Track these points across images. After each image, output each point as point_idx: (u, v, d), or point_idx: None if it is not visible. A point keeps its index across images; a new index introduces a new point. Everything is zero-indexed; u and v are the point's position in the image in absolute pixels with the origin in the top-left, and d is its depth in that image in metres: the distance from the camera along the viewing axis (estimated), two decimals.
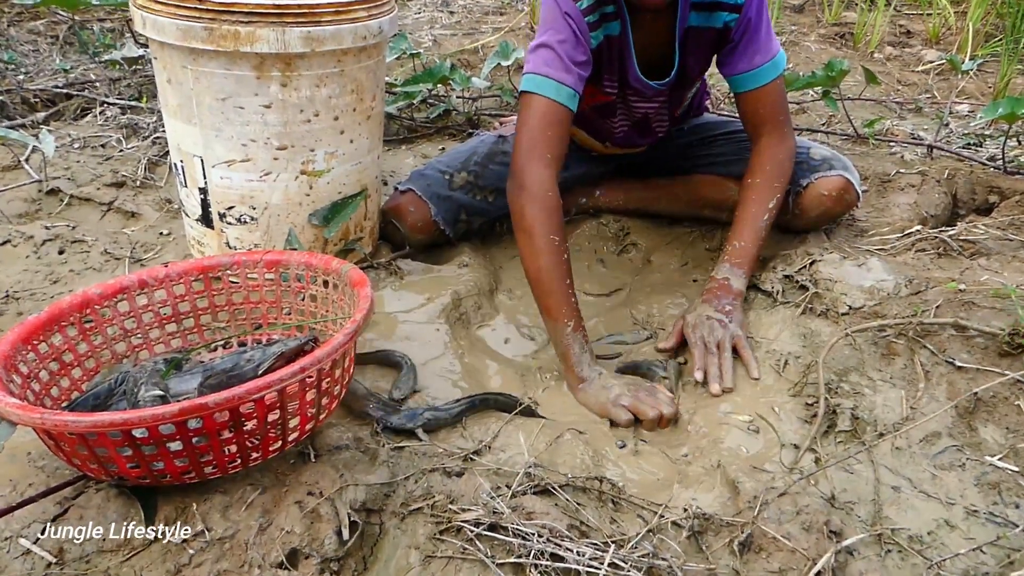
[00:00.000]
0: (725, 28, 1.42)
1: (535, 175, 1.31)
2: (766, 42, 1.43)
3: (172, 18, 1.24)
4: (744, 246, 1.43)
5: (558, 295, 1.28)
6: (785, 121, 1.49)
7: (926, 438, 1.10)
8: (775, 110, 1.47)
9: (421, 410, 1.14)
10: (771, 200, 1.44)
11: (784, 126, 1.48)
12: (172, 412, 0.81)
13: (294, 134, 1.36)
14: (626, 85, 1.52)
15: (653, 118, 1.64)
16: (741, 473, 1.05)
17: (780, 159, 1.47)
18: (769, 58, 1.44)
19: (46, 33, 2.91)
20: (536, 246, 1.29)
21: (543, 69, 1.33)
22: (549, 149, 1.33)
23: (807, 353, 1.31)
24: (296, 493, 0.94)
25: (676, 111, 1.67)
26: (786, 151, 1.48)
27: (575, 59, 1.34)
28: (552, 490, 0.99)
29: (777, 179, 1.46)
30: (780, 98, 1.48)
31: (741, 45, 1.43)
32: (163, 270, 1.19)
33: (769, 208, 1.44)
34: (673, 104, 1.63)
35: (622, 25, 1.42)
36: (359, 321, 0.97)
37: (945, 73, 2.98)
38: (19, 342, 1.00)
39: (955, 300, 1.29)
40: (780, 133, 1.48)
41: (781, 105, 1.48)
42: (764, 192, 1.45)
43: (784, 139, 1.48)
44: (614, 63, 1.48)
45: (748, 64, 1.44)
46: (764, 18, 1.42)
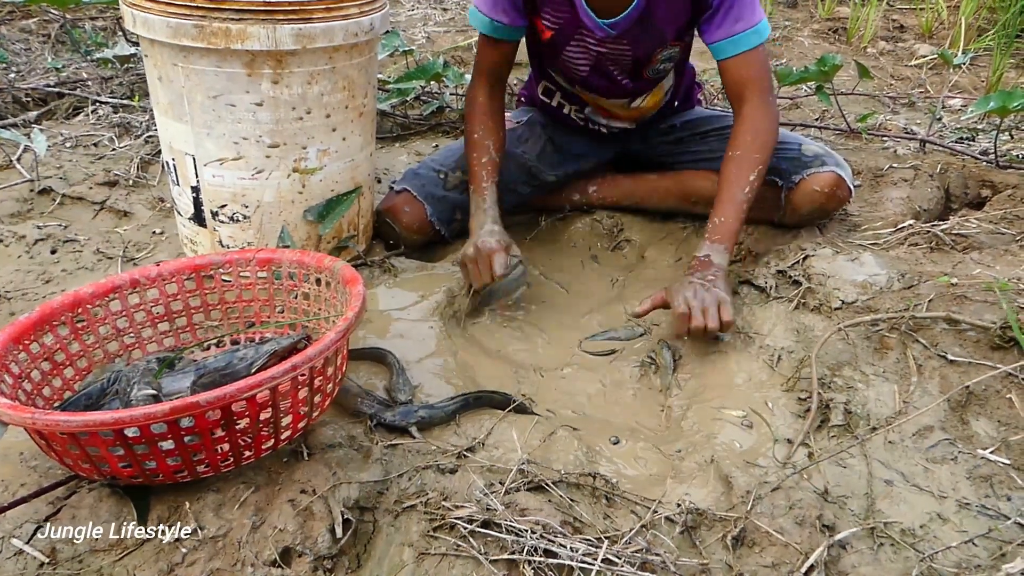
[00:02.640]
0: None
1: (473, 94, 1.62)
2: (748, 9, 1.42)
3: (162, 16, 1.23)
4: (724, 222, 1.42)
5: (472, 170, 1.57)
6: (767, 90, 1.47)
7: (919, 432, 1.10)
8: (756, 78, 1.45)
9: (415, 408, 1.13)
10: (751, 172, 1.43)
11: (766, 94, 1.46)
12: (163, 411, 0.81)
13: (286, 132, 1.35)
14: (574, 20, 1.50)
15: (611, 65, 1.58)
16: (734, 468, 1.06)
17: (760, 129, 1.45)
18: (751, 25, 1.42)
19: (38, 32, 2.90)
20: (467, 140, 1.60)
21: (484, 6, 1.52)
22: (486, 73, 1.60)
23: (800, 348, 1.31)
24: (289, 491, 0.93)
25: (644, 71, 1.60)
26: (767, 120, 1.46)
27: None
28: (545, 486, 0.99)
29: (757, 150, 1.44)
30: (762, 66, 1.46)
31: (722, 12, 1.42)
32: (155, 269, 1.19)
33: (750, 180, 1.42)
34: (639, 57, 1.56)
35: None
36: (351, 319, 0.97)
37: (938, 67, 2.99)
38: (10, 342, 1.00)
39: (947, 294, 1.30)
40: (761, 102, 1.46)
41: (763, 74, 1.46)
42: (744, 165, 1.43)
43: (765, 108, 1.46)
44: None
45: (728, 30, 1.43)
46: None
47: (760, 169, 1.44)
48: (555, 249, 1.82)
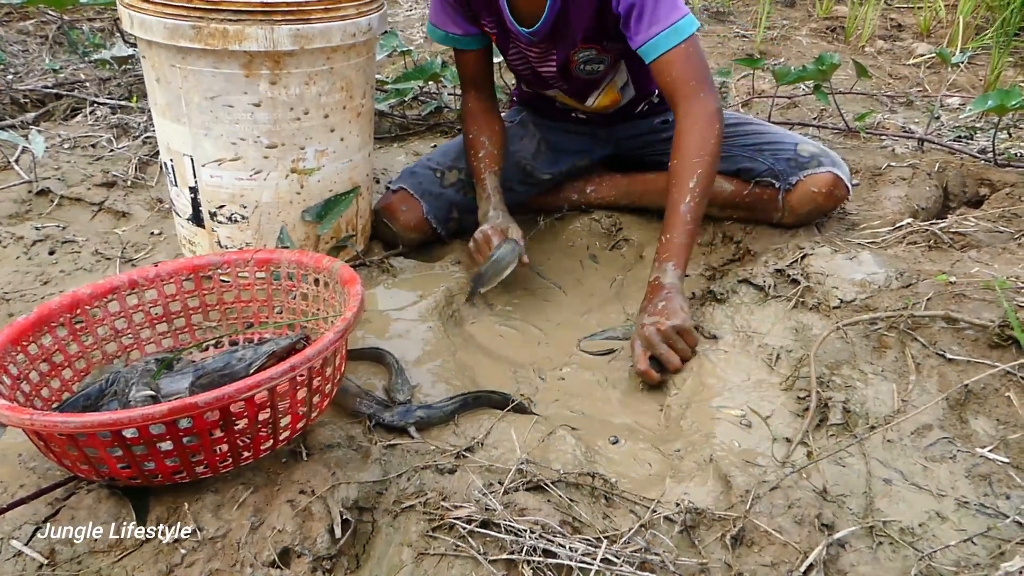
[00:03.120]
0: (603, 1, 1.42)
1: (463, 101, 1.70)
2: (661, 10, 1.38)
3: (160, 17, 1.23)
4: (670, 239, 1.38)
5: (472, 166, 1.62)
6: (698, 87, 1.40)
7: (917, 430, 1.10)
8: (684, 78, 1.40)
9: (414, 408, 1.13)
10: (691, 180, 1.37)
11: (699, 92, 1.40)
12: (162, 412, 0.81)
13: (284, 132, 1.35)
14: (504, 26, 1.54)
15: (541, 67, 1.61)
16: (733, 467, 1.06)
17: (695, 130, 1.39)
18: (667, 25, 1.38)
19: (35, 33, 2.90)
20: (465, 143, 1.67)
21: (433, 21, 1.59)
22: (469, 81, 1.68)
23: (799, 347, 1.31)
24: (288, 492, 0.93)
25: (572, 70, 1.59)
26: (702, 119, 1.39)
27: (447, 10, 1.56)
28: (544, 486, 0.99)
29: (695, 155, 1.38)
30: (687, 64, 1.40)
31: (634, 17, 1.39)
32: (153, 270, 1.19)
33: (690, 189, 1.37)
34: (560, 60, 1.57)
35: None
36: (350, 319, 0.97)
37: (936, 66, 2.99)
38: (8, 343, 1.00)
39: (946, 293, 1.30)
40: (694, 101, 1.40)
41: (690, 71, 1.40)
42: (683, 175, 1.38)
43: (700, 106, 1.40)
44: (486, 4, 1.53)
45: (645, 35, 1.40)
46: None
47: (701, 172, 1.37)
48: (554, 249, 1.82)
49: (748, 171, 1.63)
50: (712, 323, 1.41)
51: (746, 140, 1.66)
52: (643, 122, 1.77)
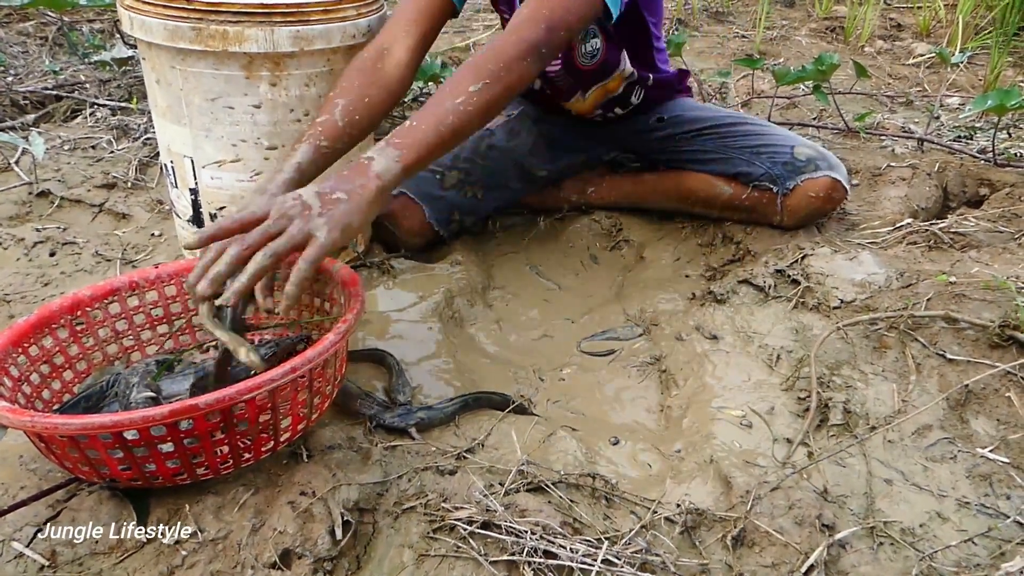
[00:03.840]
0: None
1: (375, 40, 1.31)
2: None
3: (160, 18, 1.23)
4: (414, 125, 1.06)
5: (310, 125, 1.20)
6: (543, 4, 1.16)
7: (918, 431, 1.11)
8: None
9: (414, 409, 1.13)
10: (475, 83, 1.09)
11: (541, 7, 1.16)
12: (163, 414, 0.81)
13: (284, 134, 1.35)
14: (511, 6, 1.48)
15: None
16: (734, 468, 1.06)
17: (511, 33, 1.14)
18: None
19: (35, 34, 2.90)
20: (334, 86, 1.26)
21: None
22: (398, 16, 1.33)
23: (799, 347, 1.31)
24: (289, 493, 0.93)
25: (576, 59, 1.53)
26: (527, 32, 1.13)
27: None
28: (545, 487, 0.99)
29: (496, 59, 1.11)
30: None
31: None
32: (154, 271, 1.19)
33: (469, 91, 1.08)
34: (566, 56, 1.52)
35: None
36: (351, 320, 0.97)
37: (936, 66, 2.99)
38: (9, 345, 1.00)
39: (946, 293, 1.30)
40: (532, 12, 1.16)
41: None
42: (472, 71, 1.11)
43: (533, 18, 1.15)
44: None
45: None
46: None
47: (487, 84, 1.09)
48: (554, 249, 1.82)
49: (746, 175, 1.64)
50: (712, 324, 1.41)
51: (743, 142, 1.66)
52: (640, 118, 1.76)
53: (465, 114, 1.08)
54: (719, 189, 1.69)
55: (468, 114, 1.08)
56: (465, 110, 1.08)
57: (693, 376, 1.32)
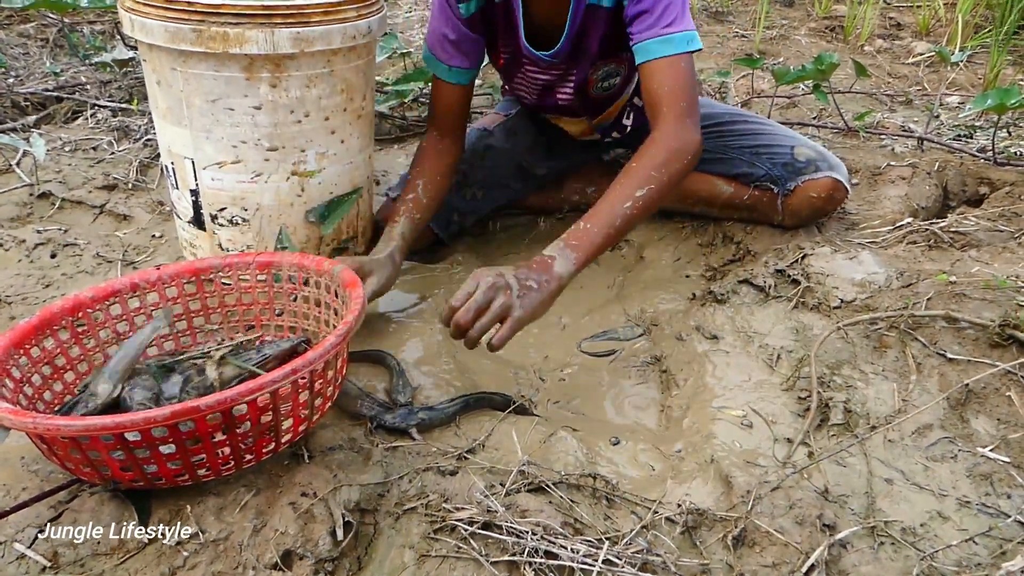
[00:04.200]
0: (618, 7, 1.38)
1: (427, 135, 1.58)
2: (663, 17, 1.32)
3: (160, 20, 1.24)
4: (588, 229, 1.23)
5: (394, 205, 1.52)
6: (686, 112, 1.31)
7: (918, 430, 1.11)
8: (672, 92, 1.31)
9: (415, 410, 1.14)
10: (640, 188, 1.25)
11: (684, 117, 1.31)
12: (164, 415, 0.81)
13: (284, 135, 1.35)
14: (520, 52, 1.53)
15: (555, 88, 1.61)
16: (734, 468, 1.06)
17: (669, 147, 1.29)
18: (661, 33, 1.32)
19: (36, 36, 2.90)
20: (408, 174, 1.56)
21: (432, 48, 1.51)
22: (440, 117, 1.57)
23: (799, 347, 1.31)
24: (290, 494, 0.94)
25: (590, 90, 1.59)
26: (680, 141, 1.30)
27: (449, 38, 1.48)
28: (546, 488, 0.99)
29: (657, 168, 1.27)
30: (677, 80, 1.31)
31: (638, 20, 1.34)
32: (155, 273, 1.19)
33: (635, 196, 1.24)
34: (580, 80, 1.56)
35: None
36: (351, 322, 0.97)
37: (935, 65, 2.99)
38: (11, 347, 1.00)
39: (946, 292, 1.30)
40: (678, 120, 1.30)
41: (679, 89, 1.31)
42: (635, 178, 1.26)
43: (681, 127, 1.30)
44: (504, 29, 1.50)
45: (639, 36, 1.34)
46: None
47: (651, 190, 1.25)
48: None
49: (747, 176, 1.64)
50: (713, 324, 1.41)
51: (743, 141, 1.66)
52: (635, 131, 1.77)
53: (631, 216, 1.25)
54: (719, 189, 1.69)
55: (633, 216, 1.25)
56: (631, 213, 1.25)
57: (694, 376, 1.32)
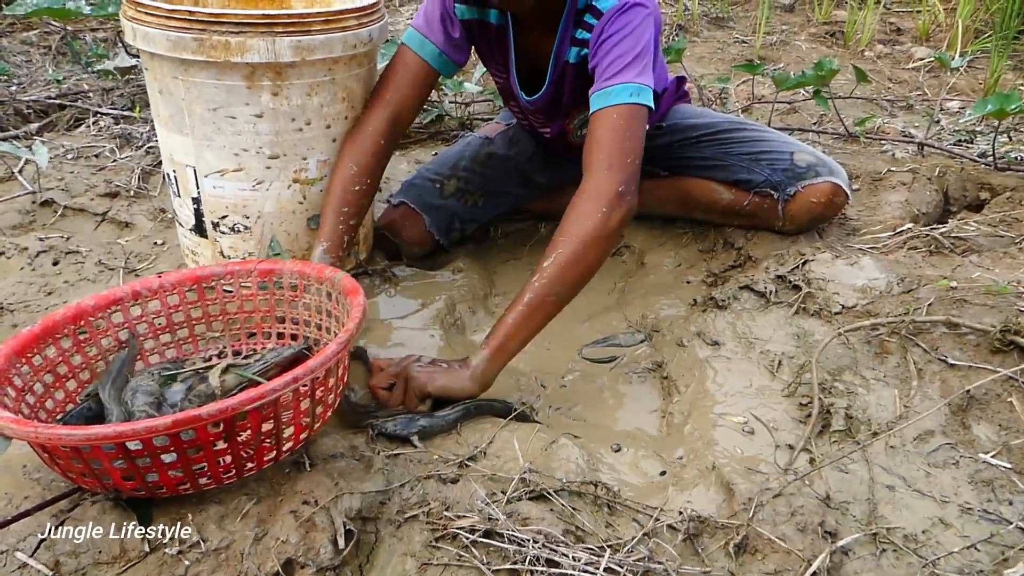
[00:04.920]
0: (582, 62, 1.38)
1: (366, 115, 1.43)
2: (607, 70, 1.28)
3: (162, 29, 1.24)
4: (503, 318, 1.21)
5: (325, 214, 1.36)
6: (606, 162, 1.22)
7: (920, 436, 1.11)
8: (597, 143, 1.24)
9: (416, 417, 1.14)
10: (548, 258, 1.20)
11: (603, 167, 1.22)
12: (166, 424, 0.81)
13: (286, 143, 1.36)
14: (510, 86, 1.55)
15: (537, 125, 1.64)
16: (736, 475, 1.06)
17: (579, 207, 1.22)
18: (602, 86, 1.27)
19: (39, 43, 2.91)
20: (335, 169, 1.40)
21: (418, 24, 1.45)
22: (391, 91, 1.43)
23: (801, 353, 1.31)
24: (291, 502, 0.94)
25: (569, 137, 1.60)
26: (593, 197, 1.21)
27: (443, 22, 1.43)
28: (547, 495, 0.99)
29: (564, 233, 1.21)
30: (606, 130, 1.25)
31: (595, 74, 1.31)
32: (156, 281, 1.19)
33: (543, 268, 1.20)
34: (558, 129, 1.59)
35: (504, 19, 1.44)
36: (352, 330, 0.97)
37: (935, 70, 3.00)
38: (13, 355, 1.00)
39: (947, 298, 1.30)
40: (596, 174, 1.22)
41: (607, 140, 1.24)
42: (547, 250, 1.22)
43: (595, 182, 1.22)
44: (496, 55, 1.51)
45: (596, 85, 1.29)
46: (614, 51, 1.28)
47: (561, 255, 1.19)
48: None
49: (746, 182, 1.64)
50: (714, 330, 1.41)
51: (742, 148, 1.66)
52: None
53: (543, 287, 1.19)
54: (719, 195, 1.69)
55: (544, 287, 1.19)
56: (541, 283, 1.19)
57: (695, 382, 1.32)
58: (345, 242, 1.36)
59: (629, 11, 1.30)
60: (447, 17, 1.44)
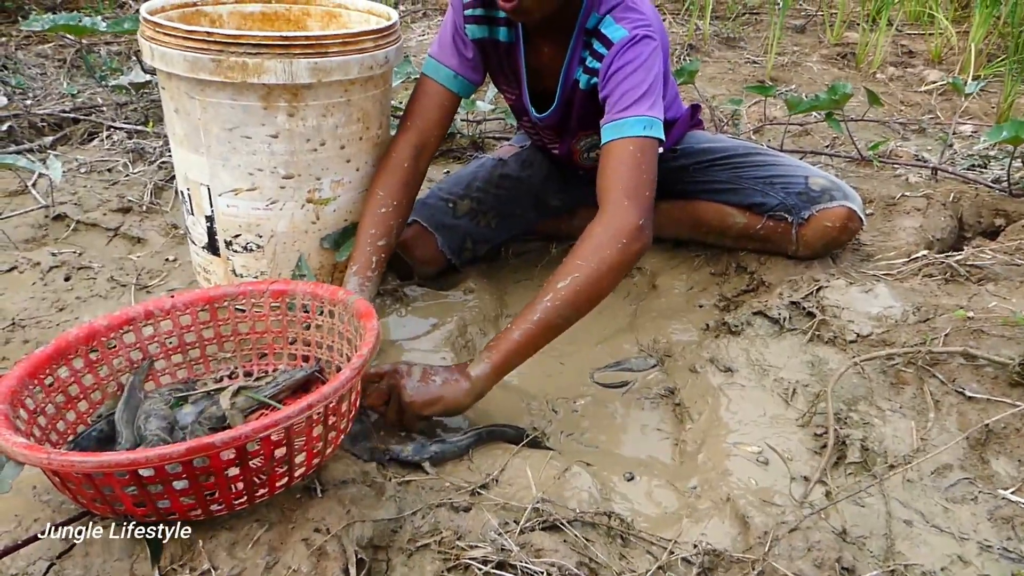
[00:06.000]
0: (592, 90, 1.41)
1: (393, 144, 1.47)
2: (620, 102, 1.29)
3: (180, 50, 1.25)
4: (509, 330, 1.20)
5: (357, 238, 1.41)
6: (625, 194, 1.24)
7: (937, 470, 1.09)
8: (613, 175, 1.26)
9: (428, 443, 1.13)
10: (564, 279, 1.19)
11: (622, 201, 1.24)
12: (179, 452, 0.81)
13: (300, 163, 1.36)
14: (522, 103, 1.56)
15: (547, 142, 1.65)
16: (751, 507, 1.04)
17: (598, 235, 1.23)
18: (615, 118, 1.29)
19: (53, 56, 2.93)
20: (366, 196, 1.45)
21: (433, 52, 1.50)
22: (414, 118, 1.48)
23: (815, 381, 1.30)
24: (303, 530, 0.93)
25: (576, 159, 1.61)
26: (614, 228, 1.22)
27: (455, 44, 1.47)
28: (560, 526, 0.98)
29: (584, 257, 1.21)
30: (621, 163, 1.27)
31: (605, 105, 1.33)
32: (169, 301, 1.19)
33: (557, 288, 1.19)
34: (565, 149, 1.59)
35: (514, 36, 1.46)
36: (366, 356, 0.96)
37: (948, 93, 2.99)
38: (26, 376, 1.00)
39: (964, 328, 1.29)
40: (615, 206, 1.24)
41: (623, 172, 1.26)
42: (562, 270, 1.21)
43: (616, 215, 1.23)
44: (507, 72, 1.52)
45: (609, 116, 1.31)
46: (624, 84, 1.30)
47: (575, 279, 1.19)
48: None
49: (760, 205, 1.63)
50: (727, 356, 1.40)
51: (756, 172, 1.66)
52: None
53: (553, 308, 1.18)
54: (733, 219, 1.68)
55: (556, 308, 1.18)
56: (552, 306, 1.18)
57: (708, 409, 1.31)
58: (374, 263, 1.37)
59: (638, 44, 1.32)
60: (459, 38, 1.47)
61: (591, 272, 1.20)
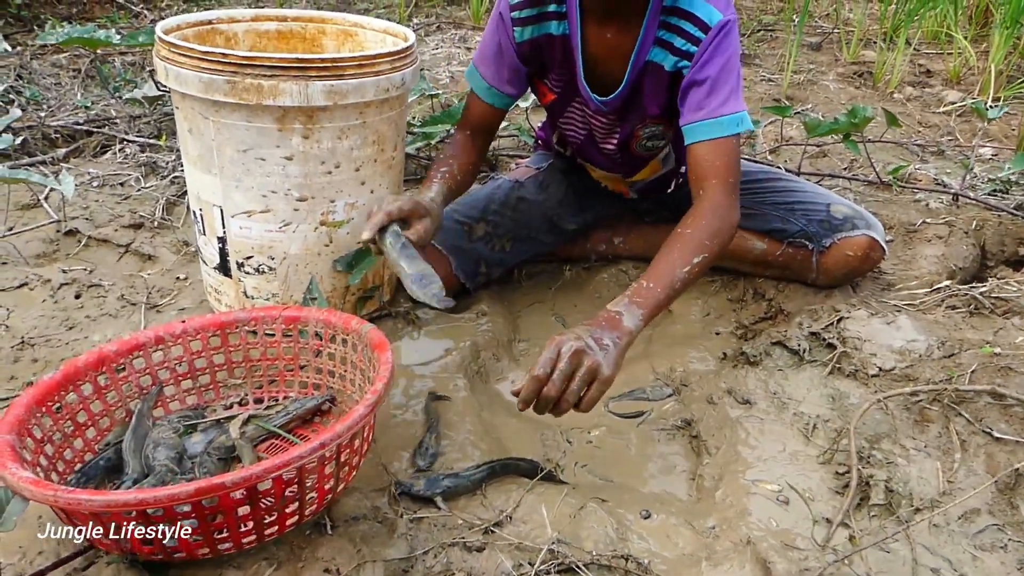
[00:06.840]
0: (677, 73, 1.38)
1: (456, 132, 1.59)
2: (714, 97, 1.32)
3: (195, 71, 1.23)
4: (652, 289, 1.21)
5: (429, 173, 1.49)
6: (732, 188, 1.33)
7: (965, 515, 1.06)
8: (720, 170, 1.32)
9: (440, 477, 1.10)
10: (696, 256, 1.25)
11: (731, 192, 1.33)
12: (188, 492, 0.78)
13: (314, 185, 1.34)
14: (573, 88, 1.51)
15: (599, 136, 1.59)
16: (772, 551, 1.01)
17: (721, 217, 1.30)
18: (712, 115, 1.32)
19: (68, 67, 2.93)
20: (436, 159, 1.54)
21: (477, 64, 1.53)
22: (468, 122, 1.58)
23: (836, 416, 1.27)
24: (312, 569, 0.91)
25: (633, 146, 1.58)
26: (729, 212, 1.32)
27: (497, 58, 1.49)
28: (576, 569, 0.96)
29: (710, 238, 1.28)
30: (726, 159, 1.33)
31: (690, 96, 1.35)
32: (180, 326, 1.17)
33: (693, 263, 1.25)
34: (625, 134, 1.55)
35: (570, 26, 1.42)
36: (380, 391, 0.94)
37: (967, 114, 2.95)
38: (34, 404, 0.98)
39: (990, 365, 1.26)
40: (726, 198, 1.32)
41: (727, 168, 1.33)
42: (691, 245, 1.26)
43: (729, 206, 1.32)
44: (560, 61, 1.48)
45: (691, 117, 1.34)
46: (721, 76, 1.32)
47: (705, 258, 1.26)
48: (580, 299, 1.79)
49: (780, 231, 1.61)
50: (745, 387, 1.38)
51: (777, 198, 1.63)
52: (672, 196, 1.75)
53: (687, 280, 1.26)
54: (751, 244, 1.66)
55: (688, 281, 1.26)
56: (688, 277, 1.25)
57: (726, 443, 1.28)
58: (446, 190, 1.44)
59: (732, 31, 1.33)
60: (501, 51, 1.47)
61: (713, 254, 1.28)
